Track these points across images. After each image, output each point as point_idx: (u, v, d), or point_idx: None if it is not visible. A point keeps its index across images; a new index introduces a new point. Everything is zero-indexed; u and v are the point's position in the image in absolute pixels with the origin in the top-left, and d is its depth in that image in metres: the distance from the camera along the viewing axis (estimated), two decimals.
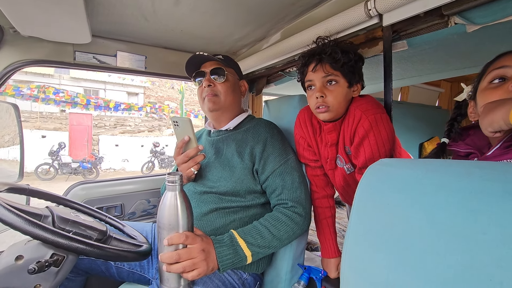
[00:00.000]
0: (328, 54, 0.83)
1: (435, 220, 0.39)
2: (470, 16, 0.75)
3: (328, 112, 0.86)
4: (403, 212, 0.45)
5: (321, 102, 0.85)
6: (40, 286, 0.67)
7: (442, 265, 0.37)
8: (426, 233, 0.40)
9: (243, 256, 0.80)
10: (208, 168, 1.02)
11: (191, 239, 0.70)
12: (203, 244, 0.73)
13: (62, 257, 0.69)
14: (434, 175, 0.44)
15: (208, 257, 0.73)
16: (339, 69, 0.84)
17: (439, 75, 1.56)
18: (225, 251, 0.78)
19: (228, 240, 0.81)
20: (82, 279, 1.05)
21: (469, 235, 0.35)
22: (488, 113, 0.54)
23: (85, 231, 0.78)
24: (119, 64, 1.29)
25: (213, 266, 0.75)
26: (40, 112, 12.14)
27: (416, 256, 0.40)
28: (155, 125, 14.62)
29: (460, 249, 0.36)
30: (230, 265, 0.79)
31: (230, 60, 1.09)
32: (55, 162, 9.26)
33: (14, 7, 0.85)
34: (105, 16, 1.06)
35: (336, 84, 0.85)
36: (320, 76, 0.85)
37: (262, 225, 0.87)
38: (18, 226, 0.61)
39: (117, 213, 1.41)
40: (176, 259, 0.68)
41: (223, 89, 1.03)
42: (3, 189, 0.79)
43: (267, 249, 0.85)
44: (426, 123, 2.64)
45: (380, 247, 0.47)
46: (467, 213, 0.36)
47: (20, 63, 1.07)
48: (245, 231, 0.85)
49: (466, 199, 0.37)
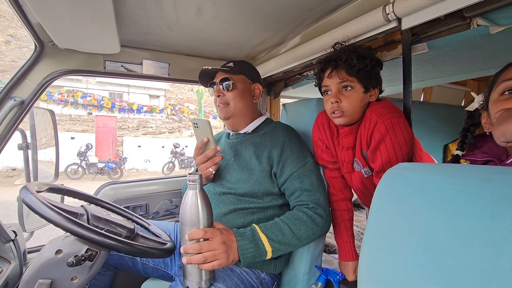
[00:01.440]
0: (344, 61, 0.84)
1: (455, 226, 0.39)
2: (494, 17, 0.73)
3: (343, 117, 0.87)
4: (422, 217, 0.44)
5: (336, 107, 0.87)
6: (76, 278, 0.73)
7: (462, 271, 0.36)
8: (445, 239, 0.40)
9: (263, 251, 0.84)
10: (227, 169, 1.06)
11: (210, 233, 0.75)
12: (224, 237, 0.78)
13: (96, 252, 0.75)
14: (454, 180, 0.43)
15: (228, 249, 0.78)
16: (355, 75, 0.85)
17: (462, 76, 1.50)
18: (246, 245, 0.82)
19: (250, 234, 0.84)
20: (111, 273, 1.12)
21: (490, 241, 0.35)
22: (501, 123, 0.53)
23: (115, 228, 0.84)
24: (144, 72, 1.36)
25: (234, 258, 0.79)
26: (69, 115, 12.86)
27: (435, 261, 0.40)
28: (175, 126, 15.02)
29: (480, 256, 0.35)
30: (251, 259, 0.82)
31: (242, 66, 1.12)
32: (83, 162, 9.75)
33: (54, 24, 0.93)
34: (132, 27, 1.13)
35: (352, 90, 0.86)
36: (336, 82, 0.87)
37: (284, 222, 0.90)
38: (59, 223, 0.68)
39: (143, 212, 1.48)
40: (198, 250, 0.74)
41: (231, 97, 1.06)
42: (44, 189, 0.87)
43: (287, 246, 0.87)
44: (451, 123, 2.53)
45: (398, 252, 0.46)
46: (488, 219, 0.36)
47: (58, 73, 1.17)
48: (266, 226, 0.88)
49: (487, 204, 0.37)
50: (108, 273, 1.10)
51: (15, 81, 1.08)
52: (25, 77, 1.11)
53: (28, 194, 0.73)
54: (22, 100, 1.09)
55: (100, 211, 0.87)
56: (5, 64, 12.80)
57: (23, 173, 1.49)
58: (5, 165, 9.62)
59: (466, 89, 3.09)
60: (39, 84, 1.13)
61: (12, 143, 1.13)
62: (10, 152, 1.12)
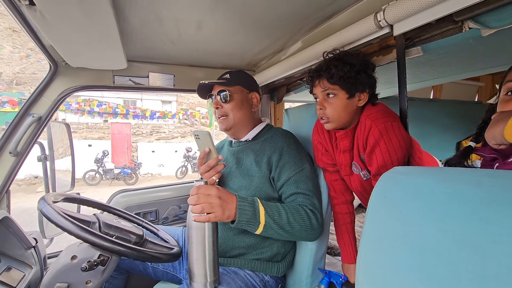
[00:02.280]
0: (324, 70, 0.89)
1: (447, 229, 0.39)
2: (485, 20, 0.73)
3: (329, 123, 0.92)
4: (416, 220, 0.45)
5: (321, 114, 0.92)
6: (90, 282, 0.79)
7: (454, 273, 0.37)
8: (438, 241, 0.40)
9: (258, 220, 0.87)
10: (229, 177, 1.10)
11: (205, 188, 0.83)
12: (220, 192, 0.84)
13: (107, 257, 0.81)
14: (446, 183, 0.44)
15: (224, 205, 0.83)
16: (337, 83, 0.88)
17: (463, 75, 1.48)
18: (245, 207, 0.86)
19: (250, 200, 0.88)
20: (123, 277, 1.18)
21: (480, 244, 0.35)
22: (492, 126, 0.54)
23: (125, 235, 0.90)
24: (151, 84, 1.43)
25: (229, 215, 0.84)
26: (86, 123, 13.33)
27: (428, 264, 0.41)
28: (187, 131, 15.25)
29: (471, 258, 0.36)
30: (245, 222, 0.86)
31: (238, 76, 1.15)
32: (100, 168, 10.06)
33: (65, 45, 1.00)
34: (138, 43, 1.20)
35: (335, 97, 0.90)
36: (320, 91, 0.92)
37: (283, 207, 0.92)
38: (72, 231, 0.74)
39: (153, 218, 1.55)
40: (195, 201, 0.81)
41: (230, 109, 1.09)
42: (60, 199, 0.94)
43: (279, 228, 0.89)
44: (464, 120, 2.46)
45: (392, 254, 0.47)
46: (478, 222, 0.36)
47: (71, 90, 1.25)
48: (267, 203, 0.91)
49: (476, 208, 0.37)
50: (121, 277, 1.16)
51: (33, 99, 1.17)
52: (42, 95, 1.19)
53: (45, 205, 0.80)
54: (39, 116, 1.17)
55: (111, 219, 0.93)
56: (26, 77, 13.45)
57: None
58: (28, 173, 10.09)
59: (479, 84, 2.99)
60: (54, 101, 1.22)
61: (33, 153, 1.22)
62: (32, 161, 1.21)
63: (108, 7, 0.78)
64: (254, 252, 1.01)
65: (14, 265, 0.89)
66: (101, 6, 0.77)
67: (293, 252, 1.10)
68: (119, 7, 0.88)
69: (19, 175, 1.22)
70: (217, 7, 0.94)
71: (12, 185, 1.19)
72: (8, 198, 1.18)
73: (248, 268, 1.00)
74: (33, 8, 0.74)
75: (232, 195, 0.87)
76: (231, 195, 0.86)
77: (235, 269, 0.99)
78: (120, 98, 15.02)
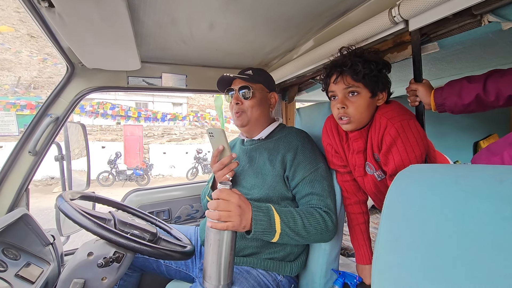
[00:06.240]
0: (349, 67, 0.84)
1: (466, 228, 0.38)
2: (505, 13, 0.70)
3: (350, 124, 0.88)
4: (434, 219, 0.44)
5: (342, 113, 0.87)
6: (106, 278, 0.81)
7: (473, 273, 0.36)
8: (457, 241, 0.39)
9: (274, 229, 0.84)
10: (242, 175, 1.09)
11: (226, 194, 0.79)
12: (240, 201, 0.80)
13: (122, 254, 0.82)
14: (465, 181, 0.42)
15: (242, 214, 0.79)
16: (361, 81, 0.84)
17: (482, 71, 1.43)
18: (260, 216, 0.83)
19: (265, 209, 0.85)
20: (138, 275, 1.20)
21: (501, 243, 0.34)
22: None
23: (140, 232, 0.91)
24: (164, 84, 1.45)
25: (245, 225, 0.80)
26: (100, 126, 13.67)
27: (447, 264, 0.40)
28: (198, 132, 15.41)
29: (491, 258, 0.35)
30: (261, 232, 0.82)
31: (260, 74, 1.14)
32: (113, 170, 10.29)
33: (82, 47, 1.03)
34: (151, 45, 1.22)
35: (358, 95, 0.86)
36: (342, 88, 0.87)
37: (297, 212, 0.90)
38: (89, 228, 0.75)
39: (165, 217, 1.56)
40: (214, 207, 0.77)
41: (250, 106, 1.08)
42: (77, 197, 0.96)
43: (295, 235, 0.87)
44: (482, 119, 2.38)
45: (410, 255, 0.46)
46: (500, 221, 0.35)
47: (87, 90, 1.29)
48: (281, 210, 0.89)
49: (498, 206, 0.36)
50: (135, 275, 1.18)
51: (51, 100, 1.21)
52: (59, 96, 1.23)
53: (63, 202, 0.82)
54: (57, 117, 1.21)
55: (126, 217, 0.95)
56: (43, 81, 13.92)
57: (60, 182, 1.66)
58: (45, 174, 10.41)
59: None
60: (71, 101, 1.26)
61: (49, 154, 1.26)
62: (48, 162, 1.24)
63: (124, 9, 0.79)
64: (267, 251, 1.00)
65: (33, 261, 0.91)
66: (117, 8, 0.79)
67: (306, 252, 1.09)
68: (134, 9, 0.90)
69: (36, 176, 1.26)
70: (228, 7, 0.94)
71: (30, 185, 1.23)
72: (27, 196, 1.21)
73: (261, 268, 0.99)
74: (52, 10, 0.76)
75: (248, 203, 0.84)
76: (248, 203, 0.83)
77: (248, 268, 0.98)
78: (132, 100, 15.34)
